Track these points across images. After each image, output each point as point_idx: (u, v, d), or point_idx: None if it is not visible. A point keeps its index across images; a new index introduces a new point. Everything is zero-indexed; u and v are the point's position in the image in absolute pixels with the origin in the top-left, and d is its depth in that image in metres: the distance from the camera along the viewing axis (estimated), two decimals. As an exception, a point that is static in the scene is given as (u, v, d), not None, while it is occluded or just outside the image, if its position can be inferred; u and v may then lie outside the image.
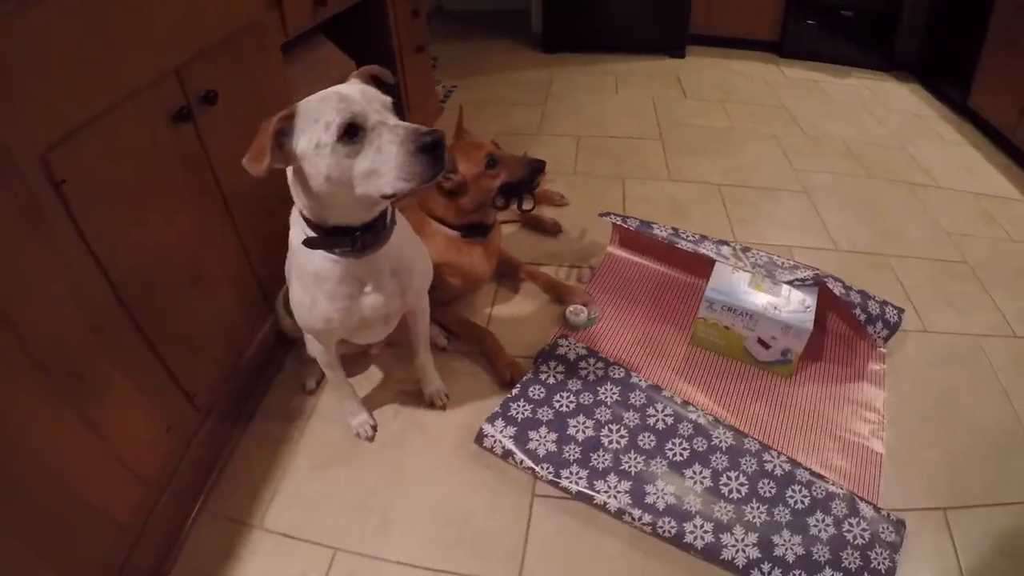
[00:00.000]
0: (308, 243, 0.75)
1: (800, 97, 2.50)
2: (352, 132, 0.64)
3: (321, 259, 0.78)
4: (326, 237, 0.75)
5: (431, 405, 1.13)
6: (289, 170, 0.72)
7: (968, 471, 1.03)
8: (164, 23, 0.81)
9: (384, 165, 0.64)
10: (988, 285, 1.45)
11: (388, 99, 0.69)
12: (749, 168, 1.94)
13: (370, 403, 1.14)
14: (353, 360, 1.20)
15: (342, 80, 1.72)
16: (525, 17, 3.24)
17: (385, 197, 0.67)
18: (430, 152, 0.63)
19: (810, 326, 1.08)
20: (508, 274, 1.41)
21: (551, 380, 1.09)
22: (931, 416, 1.13)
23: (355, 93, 0.67)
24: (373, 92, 0.69)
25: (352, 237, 0.74)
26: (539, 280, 1.37)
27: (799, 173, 1.93)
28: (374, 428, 1.09)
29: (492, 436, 1.01)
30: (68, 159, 0.66)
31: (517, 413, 1.03)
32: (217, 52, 0.94)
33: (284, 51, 1.22)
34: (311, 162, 0.66)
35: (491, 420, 1.03)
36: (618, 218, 1.39)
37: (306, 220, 0.76)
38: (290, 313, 1.22)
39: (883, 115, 2.36)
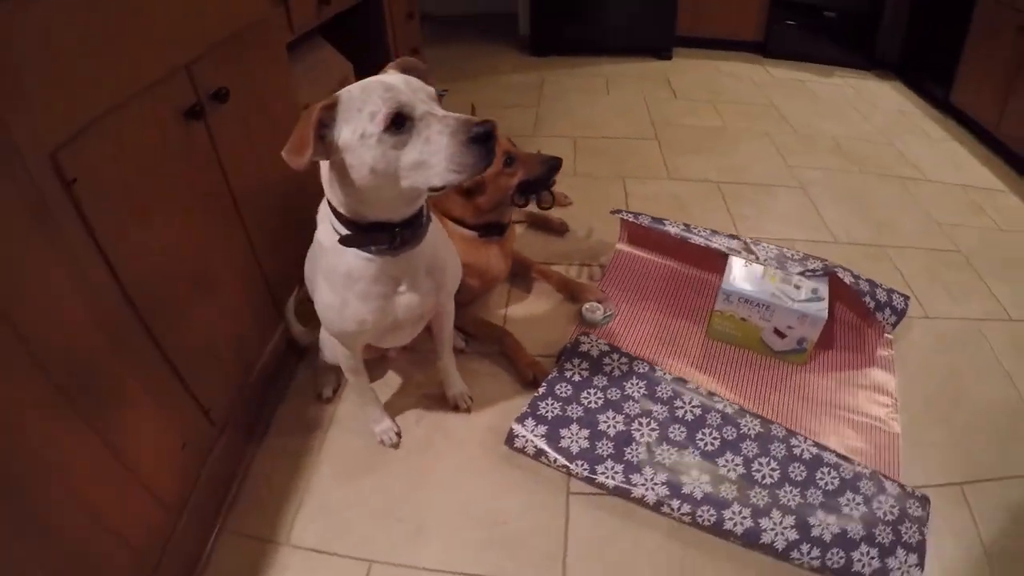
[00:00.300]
0: (345, 241, 0.75)
1: (787, 96, 2.64)
2: (399, 122, 0.64)
3: (354, 258, 0.77)
4: (364, 234, 0.75)
5: (455, 408, 1.15)
6: (324, 164, 0.71)
7: (979, 448, 1.11)
8: (174, 17, 0.82)
9: (433, 156, 0.64)
10: (982, 272, 1.56)
11: (432, 89, 0.69)
12: (745, 166, 2.04)
13: (391, 409, 1.16)
14: (371, 365, 1.21)
15: (343, 81, 1.74)
16: (512, 20, 3.33)
17: (433, 190, 0.67)
18: (482, 143, 0.63)
19: (825, 314, 1.16)
20: (520, 274, 1.45)
21: (576, 377, 1.13)
22: (939, 398, 1.21)
23: (399, 83, 0.67)
24: (417, 82, 0.69)
25: (391, 233, 0.75)
26: (552, 279, 1.42)
27: (793, 169, 2.04)
28: (398, 435, 1.11)
29: (523, 436, 1.03)
30: (79, 157, 0.65)
31: (547, 411, 1.06)
32: (226, 49, 0.95)
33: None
34: (355, 153, 0.66)
35: (521, 420, 1.05)
36: (630, 215, 1.45)
37: (339, 217, 0.75)
38: (305, 318, 1.23)
39: (869, 112, 2.51)
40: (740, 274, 1.23)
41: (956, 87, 2.34)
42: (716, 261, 1.37)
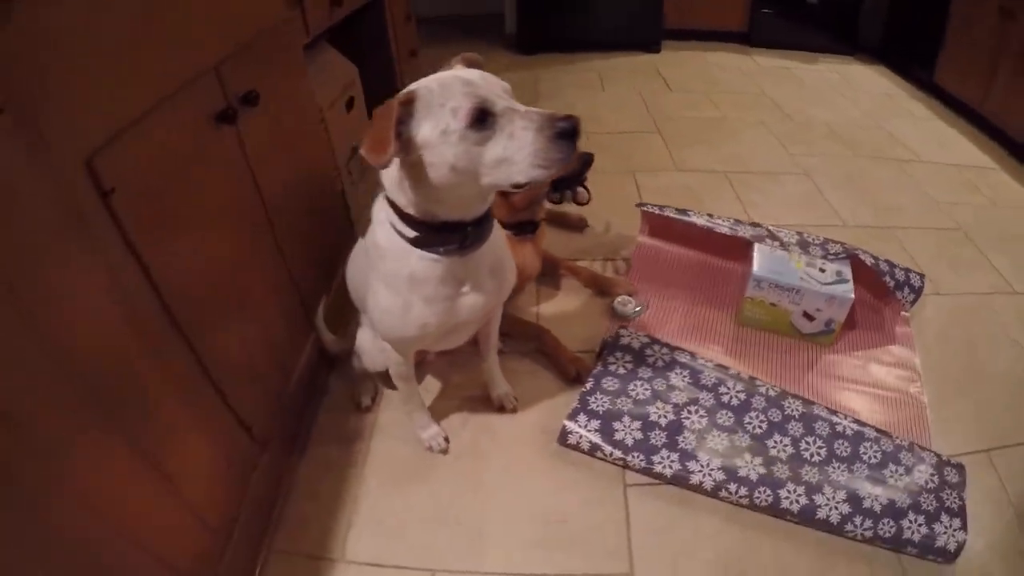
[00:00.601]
0: (416, 242, 0.75)
1: (776, 84, 2.73)
2: (481, 118, 0.63)
3: (419, 259, 0.76)
4: (435, 235, 0.74)
5: (500, 409, 1.17)
6: (394, 162, 0.69)
7: (999, 416, 1.18)
8: (201, 18, 0.81)
9: (518, 153, 0.64)
10: (983, 248, 1.66)
11: (507, 85, 0.69)
12: (748, 155, 2.11)
13: (434, 413, 1.17)
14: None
15: (350, 85, 1.73)
16: (498, 20, 3.35)
17: (516, 187, 0.67)
18: (568, 138, 0.63)
19: (851, 295, 1.22)
20: (548, 272, 1.48)
21: (621, 370, 1.16)
22: (956, 370, 1.29)
23: (476, 78, 0.66)
24: (493, 77, 0.68)
25: (463, 233, 0.75)
26: (581, 275, 1.45)
27: (794, 157, 2.11)
28: (446, 440, 1.12)
29: (576, 432, 1.06)
30: (116, 164, 0.62)
31: (597, 406, 1.09)
32: (251, 51, 0.94)
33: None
34: (436, 151, 0.65)
35: (572, 416, 1.08)
36: (655, 208, 1.49)
37: (405, 218, 0.74)
38: (333, 326, 1.23)
39: (856, 97, 2.61)
40: (768, 260, 1.29)
41: (939, 68, 2.45)
42: (738, 249, 1.42)
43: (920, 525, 0.94)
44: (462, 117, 0.64)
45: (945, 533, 0.93)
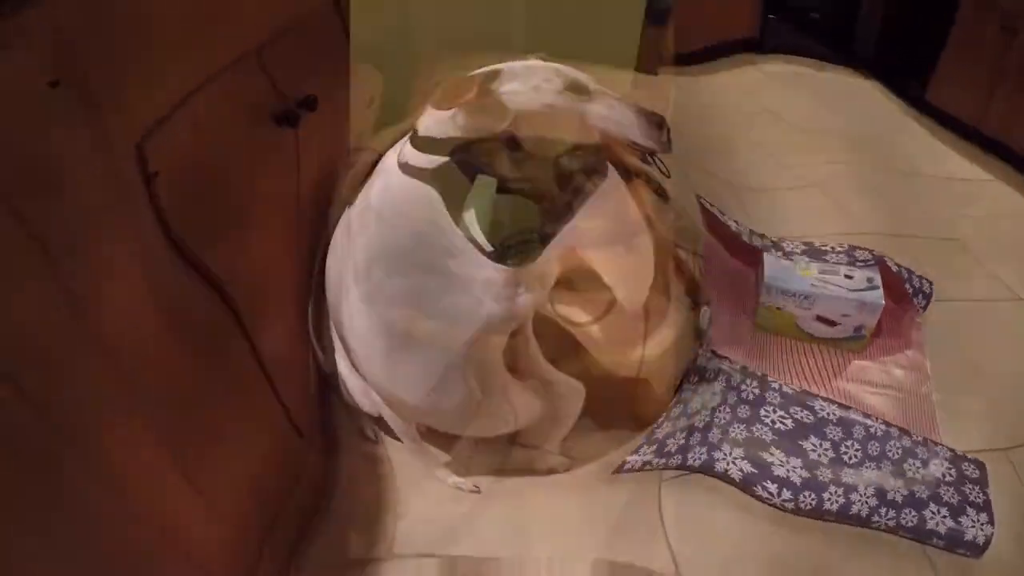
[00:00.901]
0: None
1: (780, 94, 2.79)
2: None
3: None
4: None
5: None
6: None
7: (1012, 417, 1.27)
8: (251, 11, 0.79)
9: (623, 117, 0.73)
10: (982, 258, 1.76)
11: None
12: (761, 162, 2.18)
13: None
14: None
15: (375, 89, 1.74)
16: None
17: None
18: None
19: (882, 301, 1.30)
20: None
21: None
22: (967, 373, 1.38)
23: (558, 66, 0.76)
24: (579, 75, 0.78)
25: None
26: None
27: (793, 168, 2.18)
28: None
29: (634, 460, 1.10)
30: (162, 147, 0.60)
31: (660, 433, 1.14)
32: (293, 40, 0.92)
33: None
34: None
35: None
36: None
37: None
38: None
39: (853, 108, 2.69)
40: (773, 268, 1.37)
41: (935, 83, 2.54)
42: (751, 254, 1.48)
43: (944, 517, 1.01)
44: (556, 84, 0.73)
45: (973, 527, 1.01)
